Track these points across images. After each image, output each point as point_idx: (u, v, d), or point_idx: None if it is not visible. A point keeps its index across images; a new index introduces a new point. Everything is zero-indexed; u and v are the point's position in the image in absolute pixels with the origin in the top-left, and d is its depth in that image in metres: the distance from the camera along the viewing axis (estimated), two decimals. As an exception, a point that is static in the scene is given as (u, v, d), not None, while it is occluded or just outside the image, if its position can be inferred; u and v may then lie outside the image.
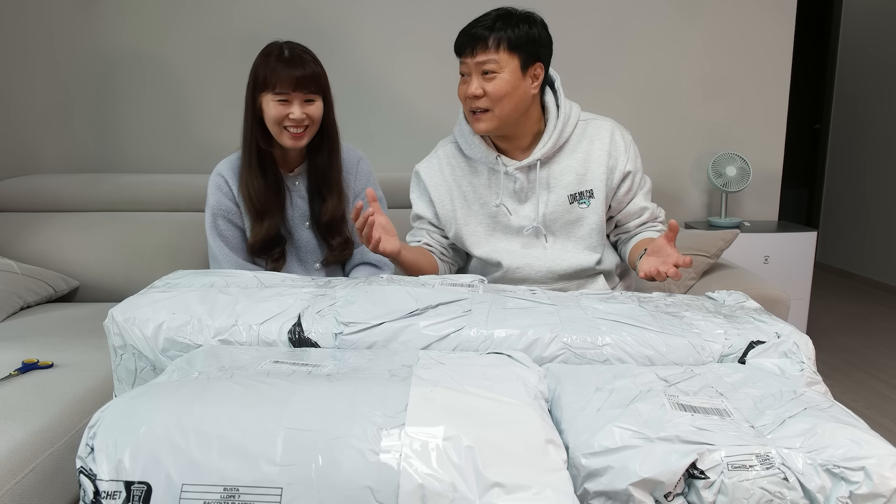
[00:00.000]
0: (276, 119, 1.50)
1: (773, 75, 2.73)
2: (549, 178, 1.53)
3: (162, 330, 1.04)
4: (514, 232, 1.55)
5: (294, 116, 1.49)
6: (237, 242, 1.61)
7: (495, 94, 1.41)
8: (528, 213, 1.53)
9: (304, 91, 1.50)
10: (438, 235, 1.63)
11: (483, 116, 1.44)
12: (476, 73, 1.42)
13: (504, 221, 1.55)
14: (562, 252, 1.54)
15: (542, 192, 1.53)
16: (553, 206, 1.52)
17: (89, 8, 2.48)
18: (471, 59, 1.41)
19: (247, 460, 0.72)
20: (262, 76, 1.50)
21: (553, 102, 1.53)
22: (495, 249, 1.55)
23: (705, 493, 0.73)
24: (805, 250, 2.66)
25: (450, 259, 1.65)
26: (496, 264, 1.55)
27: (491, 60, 1.40)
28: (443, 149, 1.62)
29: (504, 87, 1.40)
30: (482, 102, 1.43)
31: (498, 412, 0.79)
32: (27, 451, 1.14)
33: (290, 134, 1.51)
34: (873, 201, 4.36)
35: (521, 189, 1.53)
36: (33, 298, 1.95)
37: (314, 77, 1.51)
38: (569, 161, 1.53)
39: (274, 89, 1.48)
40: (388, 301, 1.09)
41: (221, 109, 2.56)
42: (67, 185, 2.27)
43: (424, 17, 2.57)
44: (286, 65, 1.48)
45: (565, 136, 1.52)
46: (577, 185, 1.52)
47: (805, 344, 1.04)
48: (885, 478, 0.72)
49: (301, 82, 1.48)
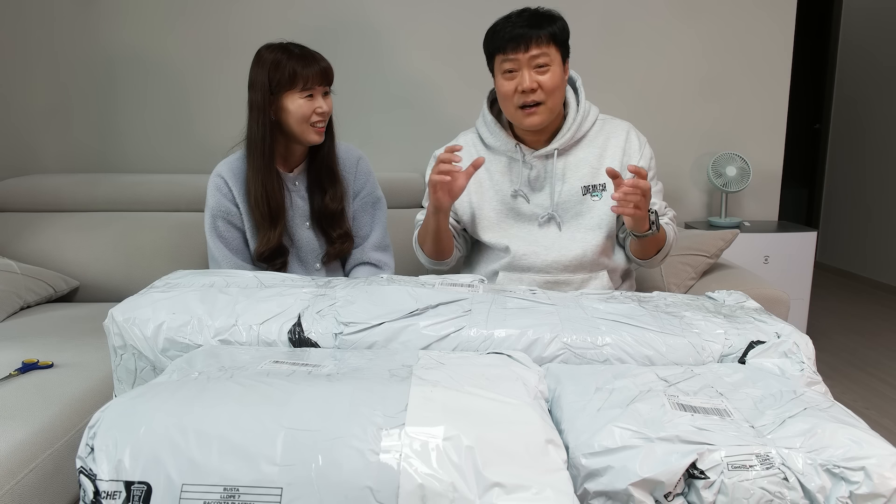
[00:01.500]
0: (305, 116, 1.52)
1: (773, 75, 2.73)
2: (565, 169, 1.57)
3: (162, 330, 1.04)
4: (525, 219, 1.58)
5: (323, 110, 1.54)
6: (237, 244, 1.61)
7: (550, 86, 1.46)
8: (542, 202, 1.57)
9: (326, 84, 1.56)
10: (452, 218, 1.65)
11: (537, 110, 1.48)
12: (528, 68, 1.46)
13: (517, 208, 1.58)
14: (569, 242, 1.56)
15: (556, 182, 1.56)
16: (566, 195, 1.56)
17: (89, 8, 2.48)
18: (523, 55, 1.45)
19: (247, 460, 0.72)
20: (285, 76, 1.50)
21: (574, 99, 1.59)
22: (505, 235, 1.58)
23: (705, 493, 0.73)
24: (805, 250, 2.66)
25: (460, 245, 1.68)
26: (504, 249, 1.58)
27: (543, 54, 1.45)
28: (463, 137, 1.68)
29: (556, 79, 1.47)
30: (537, 96, 1.47)
31: (498, 412, 0.79)
32: (27, 451, 1.14)
33: (317, 129, 1.56)
34: (873, 201, 4.36)
35: (536, 177, 1.57)
36: (33, 298, 1.95)
37: (331, 68, 1.57)
38: (585, 154, 1.58)
39: (303, 86, 1.51)
40: (388, 301, 1.09)
41: (222, 109, 2.56)
42: (67, 185, 2.27)
43: (425, 18, 2.57)
44: (307, 62, 1.52)
45: (583, 131, 1.58)
46: (591, 177, 1.57)
47: (805, 344, 1.04)
48: (885, 478, 0.72)
49: (325, 75, 1.55)
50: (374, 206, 1.74)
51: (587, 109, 1.59)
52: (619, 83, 2.69)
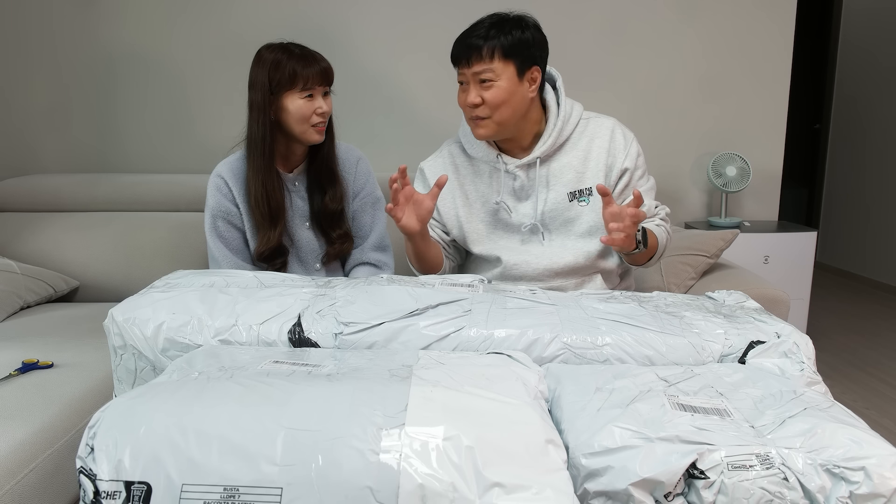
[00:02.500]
0: (305, 116, 1.52)
1: (773, 75, 2.73)
2: (549, 176, 1.54)
3: (162, 330, 1.04)
4: (513, 230, 1.56)
5: (323, 110, 1.54)
6: (237, 244, 1.61)
7: (493, 101, 1.42)
8: (528, 211, 1.55)
9: (326, 84, 1.56)
10: (440, 230, 1.64)
11: (482, 123, 1.46)
12: (473, 83, 1.43)
13: (504, 219, 1.56)
14: (560, 250, 1.54)
15: (541, 190, 1.54)
16: (552, 203, 1.54)
17: (89, 8, 2.48)
18: (467, 70, 1.43)
19: (247, 460, 0.72)
20: (285, 76, 1.50)
21: (554, 101, 1.54)
22: (495, 247, 1.57)
23: (705, 493, 0.73)
24: (805, 250, 2.66)
25: (452, 256, 1.66)
26: (495, 260, 1.56)
27: (486, 70, 1.41)
28: (447, 148, 1.65)
29: (501, 94, 1.42)
30: (481, 111, 1.44)
31: (498, 412, 0.79)
32: (27, 451, 1.14)
33: (318, 129, 1.56)
34: (873, 201, 4.36)
35: (521, 187, 1.54)
36: (33, 298, 1.95)
37: (331, 69, 1.57)
38: (568, 159, 1.54)
39: (303, 86, 1.51)
40: (388, 301, 1.09)
41: (222, 109, 2.56)
42: (67, 185, 2.27)
43: (424, 19, 2.57)
44: (307, 62, 1.52)
45: (565, 135, 1.54)
46: (576, 182, 1.53)
47: (805, 344, 1.04)
48: (885, 478, 0.72)
49: (326, 75, 1.54)
50: (373, 207, 1.74)
51: (568, 112, 1.54)
52: (619, 83, 2.69)
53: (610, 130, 1.55)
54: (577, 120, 1.55)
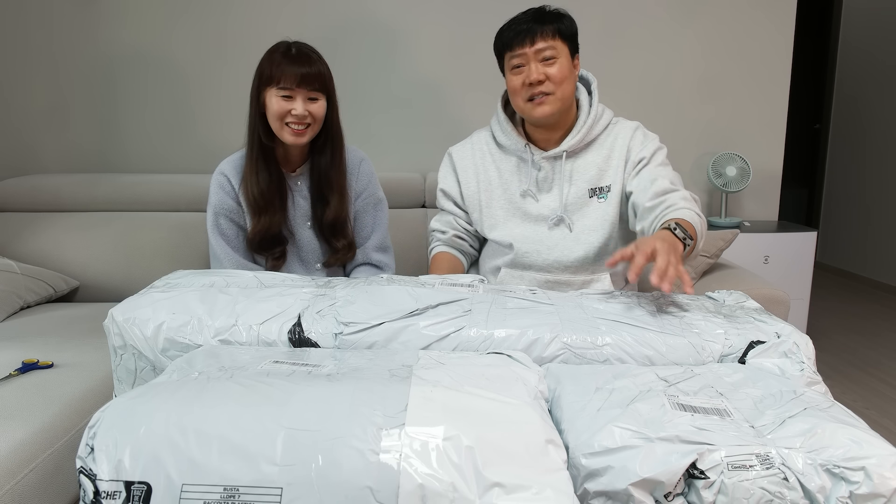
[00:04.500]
0: (279, 114, 1.51)
1: (773, 75, 2.73)
2: (573, 171, 1.58)
3: (162, 330, 1.04)
4: (532, 219, 1.59)
5: (296, 112, 1.51)
6: (239, 242, 1.61)
7: (557, 77, 1.48)
8: (549, 203, 1.58)
9: (308, 88, 1.52)
10: (464, 221, 1.69)
11: (546, 100, 1.49)
12: (535, 61, 1.48)
13: (524, 208, 1.60)
14: (573, 244, 1.56)
15: (564, 184, 1.57)
16: (573, 197, 1.57)
17: (89, 8, 2.48)
18: (529, 48, 1.47)
19: (247, 460, 0.72)
20: (267, 72, 1.52)
21: (587, 101, 1.59)
22: (510, 233, 1.60)
23: (705, 493, 0.73)
24: (805, 250, 2.66)
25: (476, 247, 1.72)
26: (508, 246, 1.60)
27: (549, 47, 1.47)
28: (478, 135, 1.70)
29: (564, 70, 1.48)
30: (545, 87, 1.48)
31: (498, 412, 0.79)
32: (27, 451, 1.14)
33: (292, 130, 1.53)
34: (873, 201, 4.36)
35: (544, 178, 1.58)
36: (33, 298, 1.95)
37: (318, 75, 1.53)
38: (593, 157, 1.58)
39: (278, 84, 1.50)
40: (388, 301, 1.09)
41: (223, 109, 2.56)
42: (67, 185, 2.27)
43: (426, 19, 2.57)
44: (292, 61, 1.51)
45: (594, 134, 1.58)
46: (597, 179, 1.57)
47: (805, 344, 1.04)
48: (885, 478, 0.72)
49: (305, 79, 1.51)
50: (375, 208, 1.74)
51: (599, 113, 1.59)
52: (619, 84, 2.69)
53: (633, 129, 1.60)
54: (607, 123, 1.61)
